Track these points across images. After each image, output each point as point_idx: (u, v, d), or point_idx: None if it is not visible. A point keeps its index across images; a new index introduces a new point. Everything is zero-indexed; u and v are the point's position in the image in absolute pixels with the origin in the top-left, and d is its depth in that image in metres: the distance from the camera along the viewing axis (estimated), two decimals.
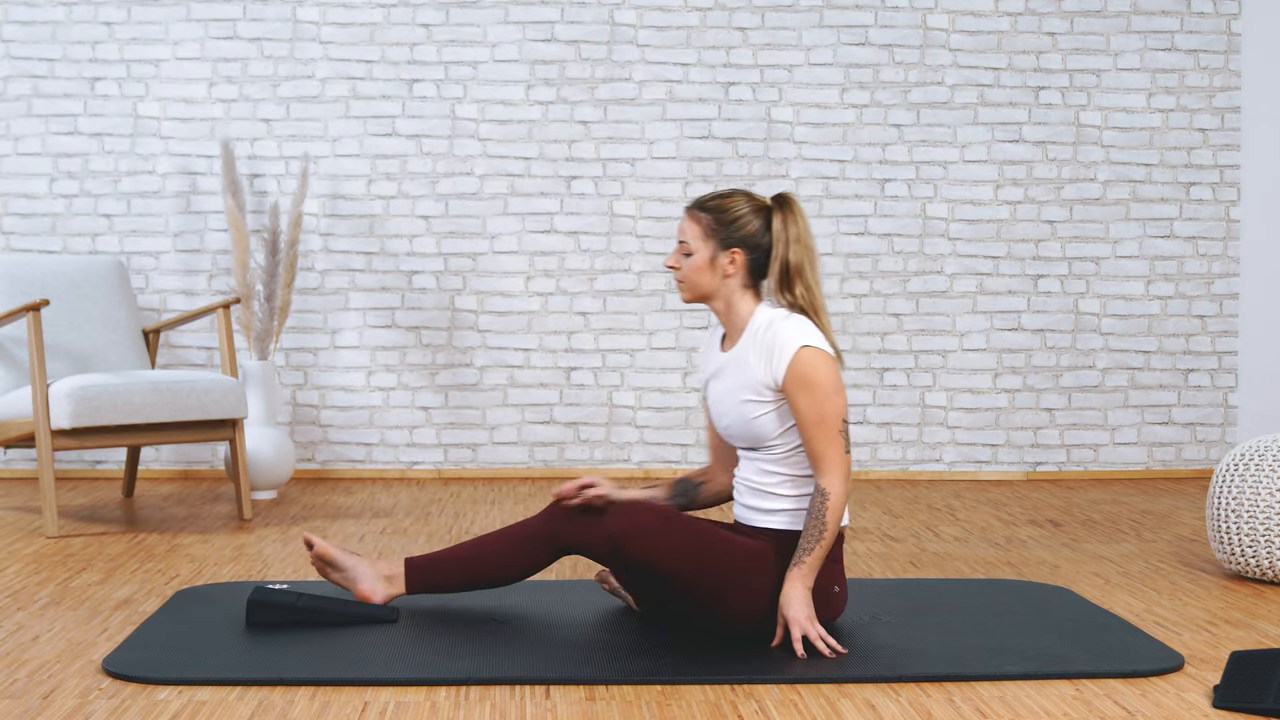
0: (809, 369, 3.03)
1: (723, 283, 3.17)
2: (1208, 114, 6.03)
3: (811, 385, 3.03)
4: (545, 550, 3.33)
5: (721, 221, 3.14)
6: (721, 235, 3.14)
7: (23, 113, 5.80)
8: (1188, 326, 6.06)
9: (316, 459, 5.89)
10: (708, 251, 3.15)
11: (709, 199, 3.18)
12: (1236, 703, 2.66)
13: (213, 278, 5.85)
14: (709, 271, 3.16)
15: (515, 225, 5.89)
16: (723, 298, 3.18)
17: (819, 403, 3.03)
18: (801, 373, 3.04)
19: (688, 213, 3.19)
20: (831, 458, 3.03)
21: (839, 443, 3.04)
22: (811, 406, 3.03)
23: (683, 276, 3.19)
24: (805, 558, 3.02)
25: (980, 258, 5.99)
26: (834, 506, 3.02)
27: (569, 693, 2.76)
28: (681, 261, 3.18)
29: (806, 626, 2.99)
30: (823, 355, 3.05)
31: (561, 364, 5.91)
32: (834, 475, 3.03)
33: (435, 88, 5.87)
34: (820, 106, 5.94)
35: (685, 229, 3.18)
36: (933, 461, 5.99)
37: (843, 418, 3.05)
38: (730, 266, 3.15)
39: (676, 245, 3.21)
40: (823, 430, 3.03)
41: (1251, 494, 3.78)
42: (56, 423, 4.49)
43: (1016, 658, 2.98)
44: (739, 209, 3.15)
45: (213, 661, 2.92)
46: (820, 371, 3.03)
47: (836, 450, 3.04)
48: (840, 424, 3.04)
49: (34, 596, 3.60)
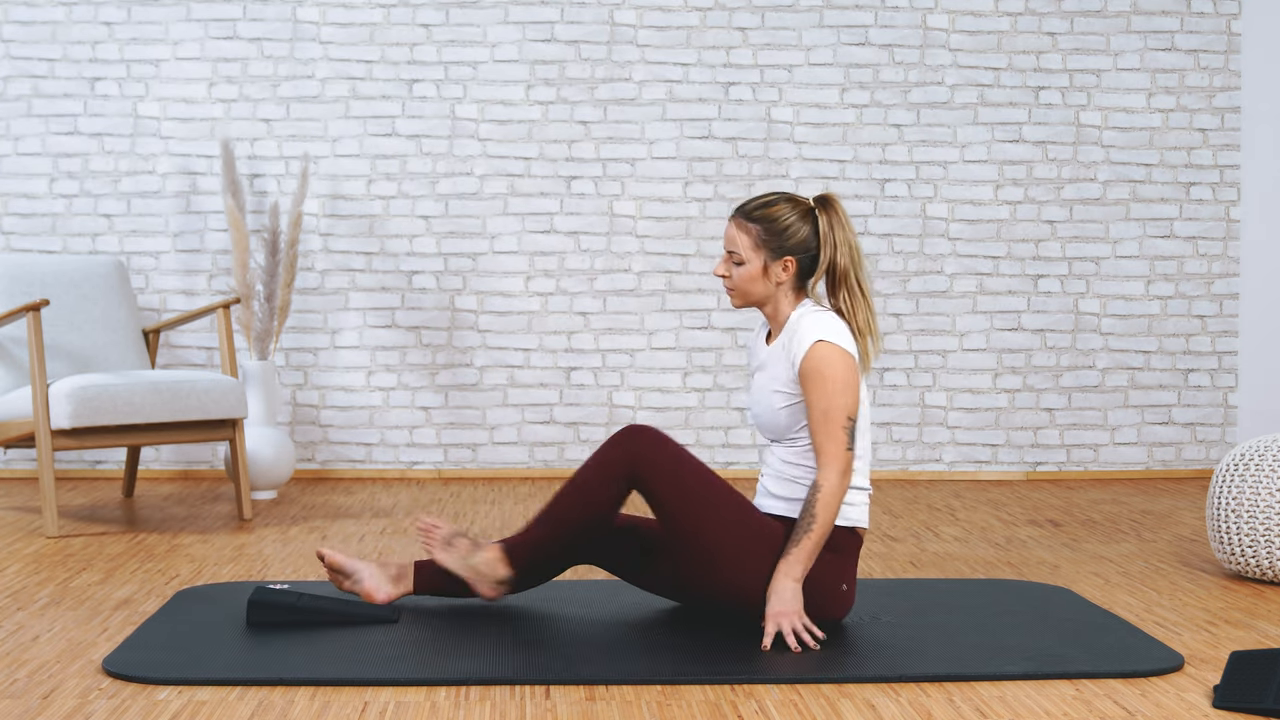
0: (822, 363, 3.08)
1: (775, 289, 3.21)
2: (1208, 114, 6.03)
3: (822, 378, 3.07)
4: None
5: (772, 231, 3.17)
6: (774, 245, 3.17)
7: (23, 113, 5.80)
8: (1188, 326, 6.06)
9: (316, 459, 5.89)
10: (760, 261, 3.18)
11: (754, 207, 3.20)
12: (1236, 703, 2.66)
13: (213, 278, 5.85)
14: (762, 281, 3.20)
15: (515, 225, 5.89)
16: (773, 302, 3.22)
17: (827, 396, 3.07)
18: (814, 365, 3.08)
19: (735, 222, 3.20)
20: (830, 452, 3.07)
21: (840, 439, 3.07)
22: (819, 398, 3.07)
23: (734, 285, 3.22)
24: (793, 549, 3.06)
25: (980, 258, 5.99)
26: (825, 500, 3.05)
27: (569, 693, 2.76)
28: (732, 270, 3.21)
29: (782, 622, 3.02)
30: (838, 351, 3.08)
31: (561, 364, 5.91)
32: (830, 469, 3.06)
33: (435, 88, 5.87)
34: (820, 106, 5.94)
35: (735, 239, 3.20)
36: (933, 461, 5.99)
37: (849, 415, 3.08)
38: (783, 274, 3.19)
39: (725, 255, 3.22)
40: (826, 423, 3.07)
41: (1251, 494, 3.78)
42: (56, 423, 4.49)
43: (1016, 658, 2.98)
44: (787, 217, 3.17)
45: (213, 661, 2.92)
46: (833, 367, 3.07)
47: (836, 445, 3.06)
48: (845, 420, 3.07)
49: (34, 596, 3.60)
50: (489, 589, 3.30)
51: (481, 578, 3.29)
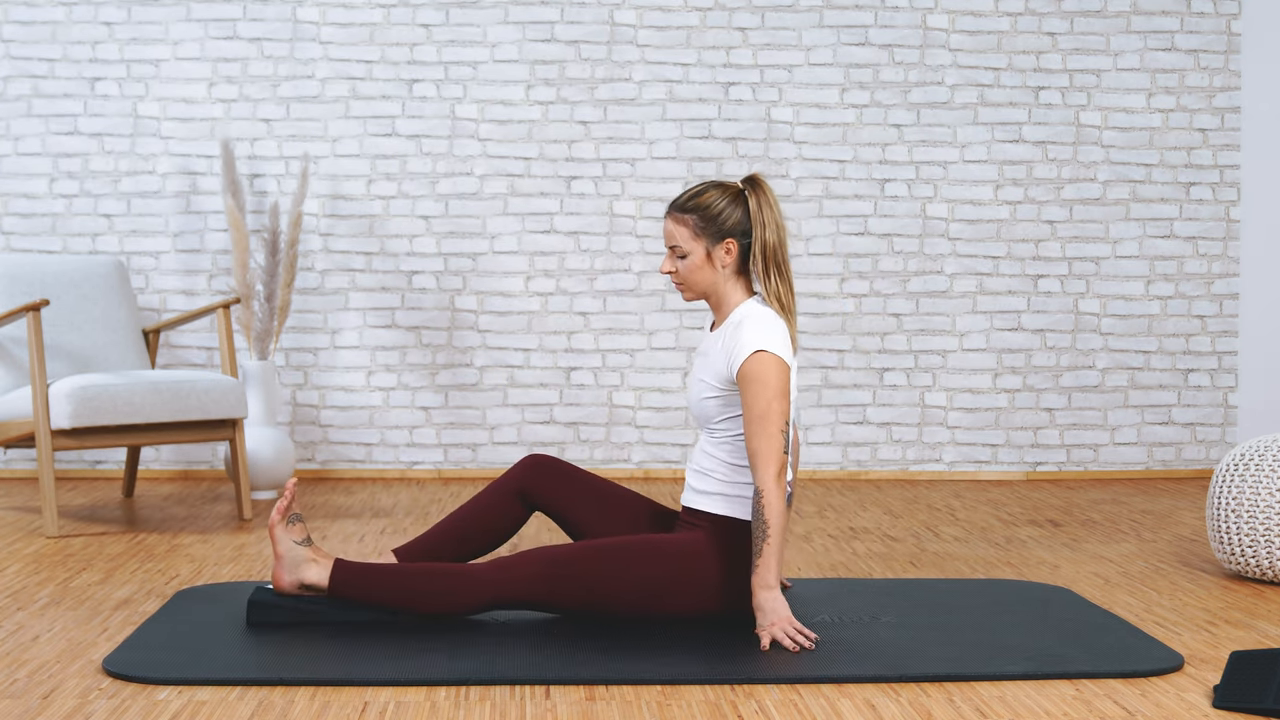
0: (762, 370, 3.13)
1: (720, 275, 3.27)
2: (1208, 114, 6.03)
3: (761, 384, 3.13)
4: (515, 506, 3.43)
5: (707, 218, 3.24)
6: (711, 231, 3.25)
7: (23, 113, 5.80)
8: (1188, 326, 6.06)
9: (316, 459, 5.89)
10: (701, 249, 3.25)
11: (686, 199, 3.28)
12: (1236, 703, 2.66)
13: (213, 278, 5.85)
14: (708, 268, 3.27)
15: (515, 225, 5.89)
16: (719, 290, 3.29)
17: (765, 400, 3.12)
18: (752, 370, 3.14)
19: (671, 217, 3.28)
20: (765, 454, 3.10)
21: (777, 442, 3.11)
22: (757, 402, 3.12)
23: (682, 279, 3.30)
24: (758, 560, 3.10)
25: (980, 258, 5.99)
26: (770, 504, 3.08)
27: (569, 693, 2.76)
28: (677, 264, 3.28)
29: (774, 632, 3.06)
30: (775, 361, 3.14)
31: (561, 364, 5.91)
32: (766, 473, 3.10)
33: (435, 88, 5.87)
34: (820, 106, 5.94)
35: (674, 233, 3.27)
36: (933, 461, 5.99)
37: (786, 419, 3.14)
38: (726, 258, 3.26)
39: (667, 251, 3.27)
40: (763, 426, 3.11)
41: (1251, 494, 3.78)
42: (56, 423, 4.49)
43: (1016, 658, 2.98)
44: (719, 203, 3.25)
45: (213, 661, 2.92)
46: (770, 373, 3.13)
47: (771, 448, 3.10)
48: (782, 424, 3.12)
49: (34, 596, 3.60)
50: (289, 582, 3.24)
51: (292, 568, 3.24)
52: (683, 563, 3.21)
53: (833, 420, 5.96)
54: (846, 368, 5.96)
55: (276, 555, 3.25)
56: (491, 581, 3.19)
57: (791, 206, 5.92)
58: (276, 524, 3.25)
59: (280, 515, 3.26)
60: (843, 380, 5.96)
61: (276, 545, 3.25)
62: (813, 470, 5.96)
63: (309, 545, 3.26)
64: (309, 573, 3.24)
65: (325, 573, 3.24)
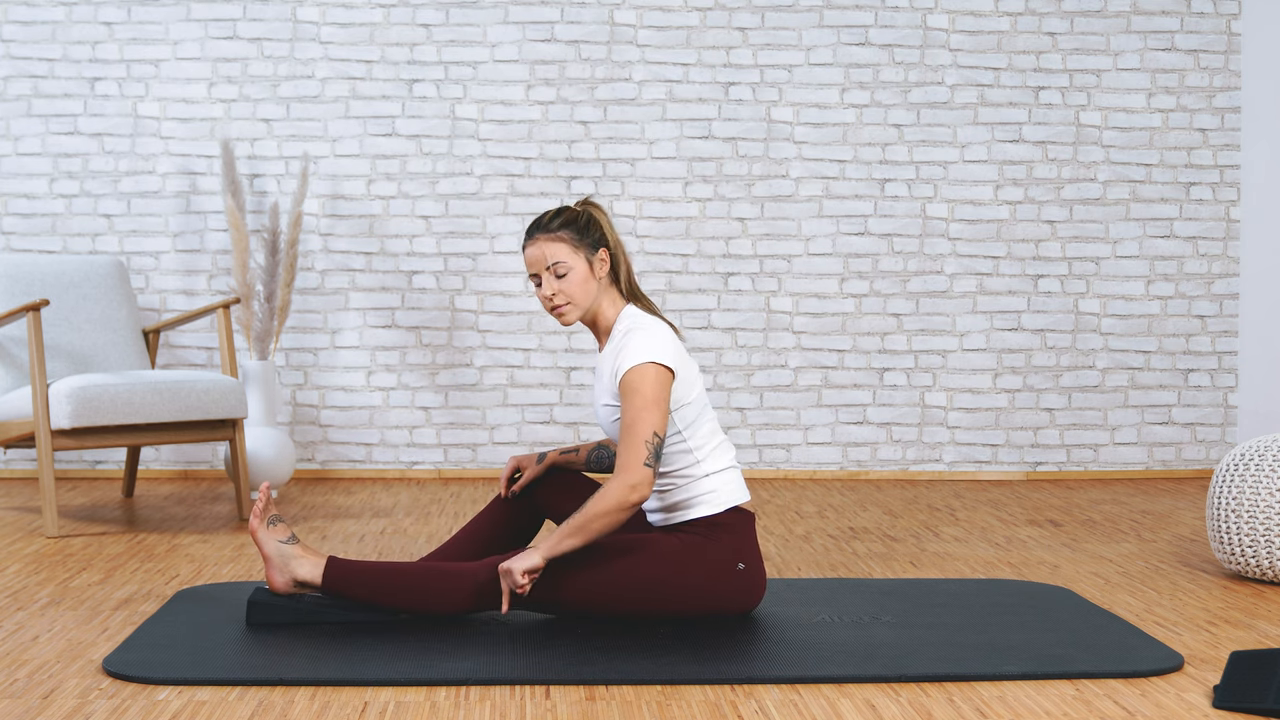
0: (638, 379, 3.12)
1: (599, 288, 3.28)
2: (1208, 114, 6.03)
3: (635, 393, 3.12)
4: None
5: (578, 229, 3.26)
6: (588, 241, 3.26)
7: (23, 113, 5.80)
8: (1188, 326, 6.06)
9: (316, 459, 5.89)
10: (583, 260, 3.25)
11: (549, 220, 3.28)
12: (1236, 703, 2.66)
13: (213, 278, 5.85)
14: (592, 280, 3.27)
15: (515, 225, 5.89)
16: (597, 306, 3.29)
17: (634, 409, 3.11)
18: (630, 380, 3.13)
19: (542, 240, 3.25)
20: (623, 463, 3.10)
21: (640, 452, 3.09)
22: (628, 412, 3.12)
23: (569, 296, 3.25)
24: (552, 536, 3.12)
25: (980, 258, 5.99)
26: (600, 496, 3.08)
27: (569, 693, 2.76)
28: (558, 285, 3.24)
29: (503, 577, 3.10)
30: (654, 372, 3.13)
31: (561, 364, 5.91)
32: (618, 479, 3.09)
33: (435, 88, 5.87)
34: (820, 106, 5.94)
35: (550, 252, 3.24)
36: (933, 461, 6.00)
37: (655, 431, 3.10)
38: (603, 266, 3.27)
39: (542, 277, 3.24)
40: (631, 434, 3.10)
41: (1251, 494, 3.78)
42: (56, 423, 4.49)
43: (1016, 658, 2.98)
44: (581, 217, 3.28)
45: (213, 661, 2.92)
46: (646, 383, 3.12)
47: (634, 457, 3.09)
48: (650, 436, 3.10)
49: (34, 596, 3.60)
50: (283, 582, 3.25)
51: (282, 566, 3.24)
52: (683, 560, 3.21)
53: (833, 420, 5.96)
54: (846, 368, 5.96)
55: (265, 557, 3.26)
56: (488, 581, 3.19)
57: (791, 206, 5.93)
58: (257, 528, 3.26)
59: (259, 519, 3.27)
60: (843, 380, 5.96)
61: (262, 547, 3.25)
62: (813, 470, 5.96)
63: (295, 543, 3.27)
64: (300, 568, 3.24)
65: (318, 568, 3.24)
